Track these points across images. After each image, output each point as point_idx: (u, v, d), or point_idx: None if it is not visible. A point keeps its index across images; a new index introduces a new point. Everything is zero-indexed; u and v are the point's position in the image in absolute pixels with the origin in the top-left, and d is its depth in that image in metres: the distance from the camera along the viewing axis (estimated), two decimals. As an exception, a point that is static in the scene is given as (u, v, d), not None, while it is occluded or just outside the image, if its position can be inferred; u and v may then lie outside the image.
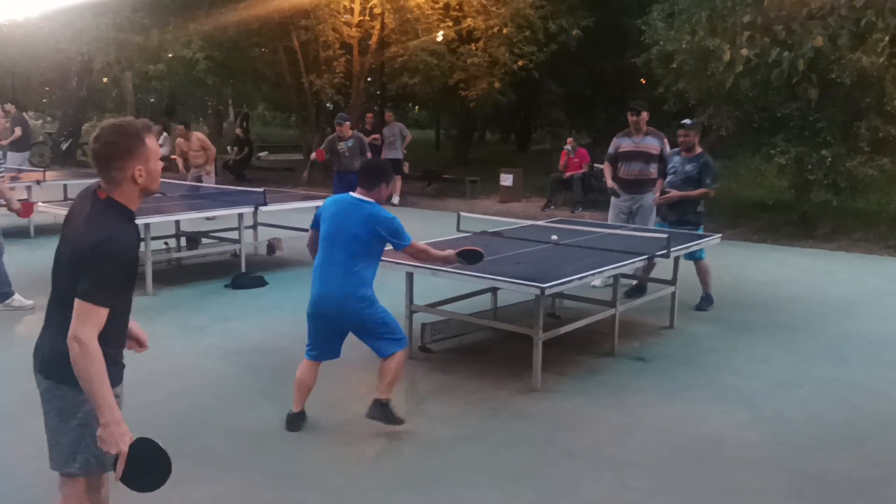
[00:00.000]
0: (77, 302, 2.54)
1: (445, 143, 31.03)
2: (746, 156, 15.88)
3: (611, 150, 8.27)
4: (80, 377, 2.52)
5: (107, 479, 2.94)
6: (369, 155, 10.77)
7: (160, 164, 2.79)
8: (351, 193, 4.55)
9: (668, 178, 7.66)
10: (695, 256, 7.42)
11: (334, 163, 10.96)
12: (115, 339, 2.74)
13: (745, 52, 4.27)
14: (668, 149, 8.00)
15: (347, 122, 10.89)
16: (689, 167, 7.49)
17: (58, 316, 2.69)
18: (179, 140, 12.99)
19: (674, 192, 7.51)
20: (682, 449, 4.47)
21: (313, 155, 11.59)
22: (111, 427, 2.52)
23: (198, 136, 12.92)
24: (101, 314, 2.55)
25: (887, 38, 4.83)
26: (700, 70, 12.15)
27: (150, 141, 2.71)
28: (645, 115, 8.01)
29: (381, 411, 4.52)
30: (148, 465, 2.61)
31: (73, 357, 2.51)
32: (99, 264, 2.56)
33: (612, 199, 8.33)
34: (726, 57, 4.58)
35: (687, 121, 7.80)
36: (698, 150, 7.63)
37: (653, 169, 7.97)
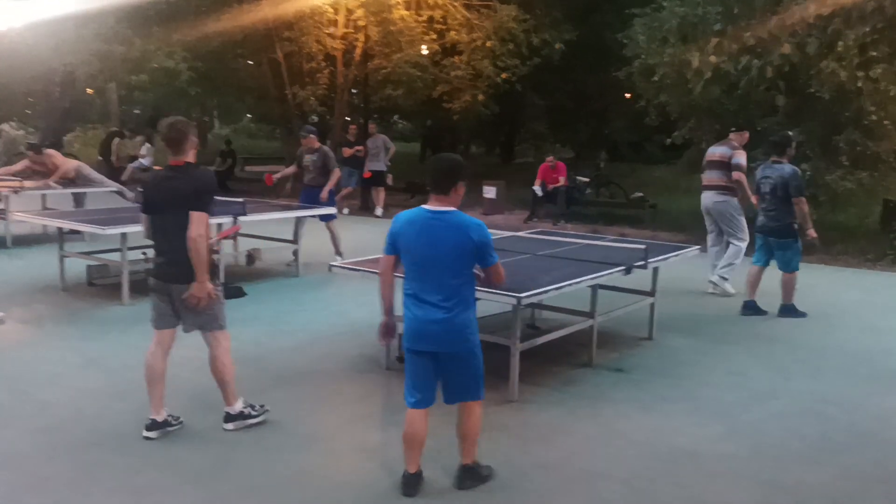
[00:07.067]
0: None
1: (430, 157, 31.06)
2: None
3: None
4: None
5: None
6: (336, 171, 10.08)
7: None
8: (424, 206, 3.91)
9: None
10: (789, 268, 7.90)
11: (303, 175, 10.29)
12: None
13: (713, 58, 4.29)
14: (737, 158, 8.34)
15: (312, 135, 10.15)
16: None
17: (177, 238, 4.36)
18: (27, 162, 11.72)
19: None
20: (657, 461, 4.45)
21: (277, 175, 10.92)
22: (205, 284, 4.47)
23: (50, 153, 11.77)
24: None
25: (856, 48, 4.87)
26: (681, 83, 12.22)
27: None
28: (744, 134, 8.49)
29: (474, 474, 4.08)
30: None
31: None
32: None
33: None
34: (695, 63, 4.61)
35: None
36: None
37: (716, 176, 8.64)
